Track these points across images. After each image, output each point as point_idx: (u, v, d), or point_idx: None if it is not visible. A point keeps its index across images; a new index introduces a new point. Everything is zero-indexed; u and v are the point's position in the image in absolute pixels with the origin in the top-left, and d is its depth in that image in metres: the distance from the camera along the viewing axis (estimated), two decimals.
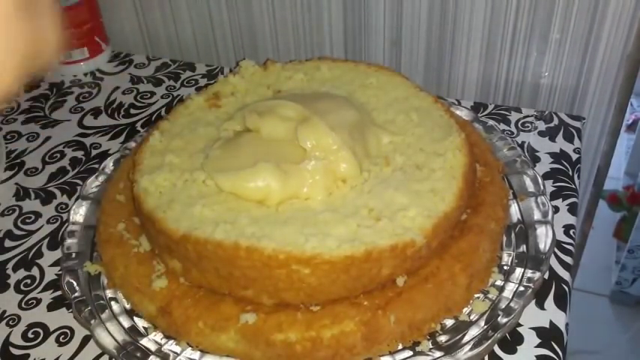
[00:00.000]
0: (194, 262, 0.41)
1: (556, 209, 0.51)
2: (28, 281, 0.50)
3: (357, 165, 0.44)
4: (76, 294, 0.45)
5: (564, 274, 0.46)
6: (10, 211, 0.57)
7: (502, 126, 0.61)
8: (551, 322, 0.43)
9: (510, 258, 0.46)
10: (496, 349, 0.42)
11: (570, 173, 0.55)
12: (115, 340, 0.42)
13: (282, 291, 0.39)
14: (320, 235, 0.39)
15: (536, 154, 0.58)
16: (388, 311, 0.40)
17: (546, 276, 0.45)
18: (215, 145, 0.47)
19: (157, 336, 0.43)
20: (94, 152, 0.63)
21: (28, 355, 0.44)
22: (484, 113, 0.64)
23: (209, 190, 0.44)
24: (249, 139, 0.46)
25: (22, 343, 0.45)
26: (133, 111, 0.69)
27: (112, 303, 0.45)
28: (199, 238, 0.40)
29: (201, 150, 0.48)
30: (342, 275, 0.39)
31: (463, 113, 0.59)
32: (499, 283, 0.44)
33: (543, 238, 0.46)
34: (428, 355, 0.40)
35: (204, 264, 0.40)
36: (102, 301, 0.45)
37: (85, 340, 0.44)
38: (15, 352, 0.44)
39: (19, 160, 0.63)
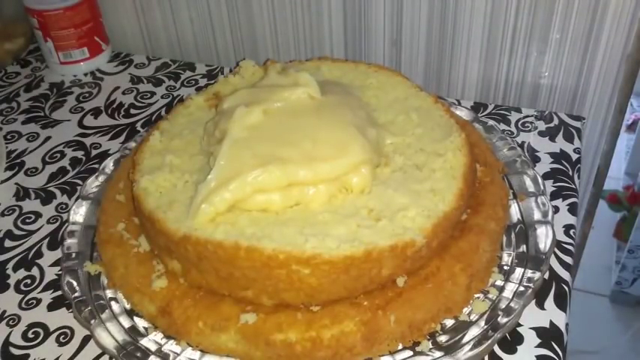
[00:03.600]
0: (194, 263, 0.41)
1: (556, 209, 0.51)
2: (28, 281, 0.50)
3: (370, 181, 0.43)
4: (76, 294, 0.45)
5: (564, 274, 0.46)
6: (10, 211, 0.57)
7: (502, 126, 0.61)
8: (551, 322, 0.43)
9: (510, 258, 0.46)
10: (496, 349, 0.42)
11: (570, 173, 0.55)
12: (115, 340, 0.42)
13: (282, 291, 0.39)
14: (320, 235, 0.39)
15: (536, 154, 0.58)
16: (388, 311, 0.40)
17: (546, 276, 0.45)
18: (215, 153, 0.45)
19: (157, 336, 0.43)
20: (94, 152, 0.63)
21: (28, 355, 0.44)
22: (484, 113, 0.64)
23: None
24: (249, 141, 0.45)
25: (22, 343, 0.45)
26: (133, 111, 0.69)
27: (112, 303, 0.45)
28: (199, 238, 0.40)
29: (201, 151, 0.48)
30: (342, 275, 0.39)
31: (463, 113, 0.59)
32: (499, 283, 0.44)
33: (543, 238, 0.46)
34: (428, 355, 0.40)
35: (204, 264, 0.40)
36: (102, 301, 0.45)
37: (85, 340, 0.44)
38: (15, 352, 0.44)
39: (19, 160, 0.63)
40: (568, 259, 0.48)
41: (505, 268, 0.45)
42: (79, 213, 0.52)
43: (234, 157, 0.42)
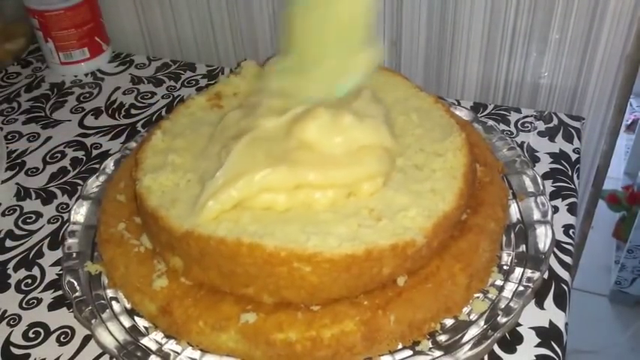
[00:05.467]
0: (196, 260, 0.41)
1: (555, 209, 0.51)
2: (29, 281, 0.50)
3: (380, 189, 0.43)
4: (77, 294, 0.45)
5: (564, 274, 0.47)
6: (11, 211, 0.57)
7: (502, 126, 0.61)
8: (550, 321, 0.43)
9: (510, 258, 0.46)
10: (496, 348, 0.42)
11: (570, 173, 0.55)
12: (116, 339, 0.42)
13: (283, 289, 0.40)
14: (321, 233, 0.39)
15: (536, 154, 0.58)
16: (388, 311, 0.40)
17: (546, 276, 0.45)
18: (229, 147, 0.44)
19: (158, 335, 0.43)
20: (94, 152, 0.63)
21: (29, 355, 0.44)
22: (484, 113, 0.64)
23: None
24: (266, 141, 0.44)
25: (22, 342, 0.45)
26: (133, 111, 0.69)
27: (113, 303, 0.45)
28: (202, 234, 0.40)
29: (204, 151, 0.48)
30: (343, 274, 0.39)
31: (463, 113, 0.59)
32: (499, 282, 0.44)
33: (543, 237, 0.46)
34: (428, 354, 0.40)
35: (206, 261, 0.41)
36: (102, 301, 0.45)
37: (86, 340, 0.45)
38: (16, 351, 0.44)
39: (19, 160, 0.63)
40: (567, 259, 0.48)
41: (505, 267, 0.45)
42: (79, 213, 0.52)
43: (247, 155, 0.42)
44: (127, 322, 0.44)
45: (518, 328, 0.43)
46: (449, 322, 0.42)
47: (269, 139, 0.44)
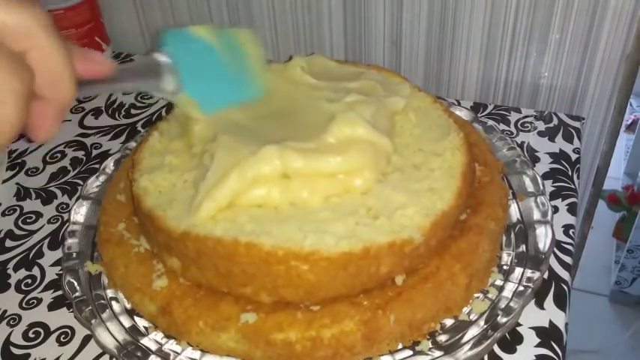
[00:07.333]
0: (193, 260, 0.41)
1: (555, 209, 0.51)
2: (29, 281, 0.50)
3: (372, 185, 0.43)
4: (77, 294, 0.45)
5: (564, 274, 0.47)
6: (11, 211, 0.57)
7: (502, 126, 0.61)
8: (550, 321, 0.43)
9: (510, 258, 0.46)
10: (496, 348, 0.42)
11: (570, 173, 0.55)
12: (116, 339, 0.42)
13: (281, 288, 0.40)
14: (318, 232, 0.39)
15: (536, 154, 0.58)
16: (388, 311, 0.40)
17: (546, 276, 0.45)
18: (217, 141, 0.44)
19: (158, 335, 0.43)
20: (94, 152, 0.63)
21: (29, 355, 0.44)
22: (484, 113, 0.64)
23: None
24: (247, 133, 0.44)
25: (22, 342, 0.45)
26: (133, 111, 0.69)
27: (113, 302, 0.45)
28: (199, 234, 0.40)
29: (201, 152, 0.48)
30: (341, 272, 0.39)
31: (463, 113, 0.59)
32: (499, 282, 0.44)
33: (543, 237, 0.46)
34: (428, 354, 0.40)
35: (203, 261, 0.41)
36: (102, 301, 0.45)
37: (86, 340, 0.45)
38: (16, 351, 0.44)
39: (19, 160, 0.63)
40: (567, 259, 0.48)
41: (505, 267, 0.45)
42: (79, 213, 0.52)
43: (232, 150, 0.42)
44: (126, 322, 0.44)
45: (518, 328, 0.43)
46: (449, 322, 0.42)
47: (250, 132, 0.44)
